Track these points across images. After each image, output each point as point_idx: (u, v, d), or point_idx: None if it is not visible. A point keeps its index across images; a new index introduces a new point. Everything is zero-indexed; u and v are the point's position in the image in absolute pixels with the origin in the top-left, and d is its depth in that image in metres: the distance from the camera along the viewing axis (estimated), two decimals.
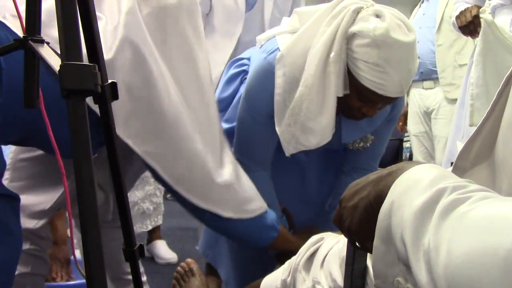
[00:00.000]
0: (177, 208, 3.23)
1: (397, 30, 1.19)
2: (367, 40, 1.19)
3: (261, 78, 1.40)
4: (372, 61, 1.19)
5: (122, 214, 0.97)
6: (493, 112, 0.62)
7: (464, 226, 0.44)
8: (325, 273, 1.03)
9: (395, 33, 1.18)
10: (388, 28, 1.18)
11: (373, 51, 1.19)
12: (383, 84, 1.21)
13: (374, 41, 1.18)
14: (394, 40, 1.18)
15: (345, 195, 0.67)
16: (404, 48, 1.20)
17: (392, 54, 1.19)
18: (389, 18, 1.19)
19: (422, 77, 2.95)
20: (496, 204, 0.44)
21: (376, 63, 1.19)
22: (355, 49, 1.21)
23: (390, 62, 1.19)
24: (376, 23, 1.19)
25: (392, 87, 1.22)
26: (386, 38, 1.18)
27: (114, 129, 0.92)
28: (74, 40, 0.72)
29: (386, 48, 1.18)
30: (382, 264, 0.58)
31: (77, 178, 0.69)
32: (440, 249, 0.44)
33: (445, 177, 0.51)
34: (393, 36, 1.18)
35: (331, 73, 1.24)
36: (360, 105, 1.30)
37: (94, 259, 0.68)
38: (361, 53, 1.20)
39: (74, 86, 0.71)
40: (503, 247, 0.40)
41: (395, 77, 1.21)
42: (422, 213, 0.48)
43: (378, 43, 1.18)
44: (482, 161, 0.63)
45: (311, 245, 1.11)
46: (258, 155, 1.49)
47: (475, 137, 0.64)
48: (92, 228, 0.69)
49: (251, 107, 1.42)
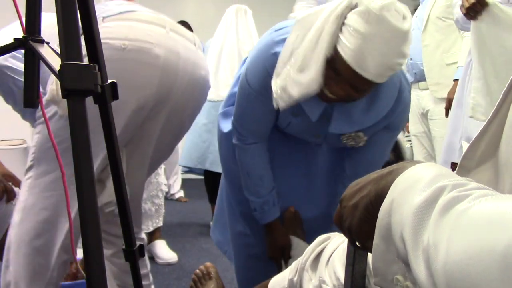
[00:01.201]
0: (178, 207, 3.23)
1: (393, 13, 1.19)
2: (361, 9, 1.19)
3: (260, 53, 1.41)
4: (356, 27, 1.18)
5: (122, 214, 0.97)
6: (498, 112, 0.62)
7: (463, 223, 0.44)
8: (329, 271, 1.03)
9: (389, 13, 1.18)
10: (384, 6, 1.18)
11: (361, 20, 1.18)
12: (355, 55, 1.19)
13: (366, 11, 1.18)
14: (384, 19, 1.17)
15: (345, 195, 0.67)
16: (390, 30, 1.19)
17: (376, 30, 1.18)
18: (391, 2, 1.20)
19: (417, 78, 2.98)
20: (495, 202, 0.44)
21: (359, 31, 1.18)
22: (348, 15, 1.21)
23: (371, 37, 1.18)
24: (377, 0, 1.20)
25: (363, 64, 1.20)
26: (377, 11, 1.17)
27: (114, 129, 0.92)
28: (74, 40, 0.72)
29: (374, 23, 1.18)
30: (382, 262, 0.58)
31: (77, 178, 0.69)
32: (439, 246, 0.45)
33: (445, 176, 0.52)
34: (386, 15, 1.17)
35: (326, 32, 1.24)
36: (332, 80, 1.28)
37: (94, 259, 0.68)
38: (351, 19, 1.20)
39: (74, 86, 0.71)
40: (501, 243, 0.40)
41: (368, 54, 1.19)
42: (422, 210, 0.49)
43: (368, 14, 1.18)
44: (487, 161, 0.63)
45: (318, 245, 1.12)
46: (254, 127, 1.51)
47: (480, 137, 0.64)
48: (92, 228, 0.69)
49: (248, 80, 1.44)
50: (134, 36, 1.28)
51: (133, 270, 1.03)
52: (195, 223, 3.72)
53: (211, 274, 1.65)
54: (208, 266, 1.68)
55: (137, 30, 1.29)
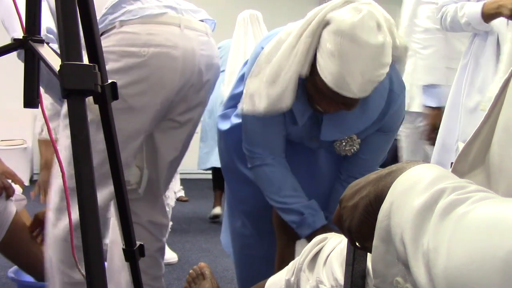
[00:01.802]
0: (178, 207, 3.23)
1: (366, 29, 1.17)
2: (335, 28, 1.19)
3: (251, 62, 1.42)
4: (330, 47, 1.18)
5: (122, 214, 0.97)
6: (490, 116, 0.62)
7: (463, 227, 0.44)
8: (327, 272, 1.03)
9: (361, 31, 1.17)
10: (357, 23, 1.17)
11: (335, 39, 1.18)
12: (335, 77, 1.19)
13: (339, 30, 1.18)
14: (357, 36, 1.16)
15: (345, 195, 0.67)
16: (365, 48, 1.17)
17: (349, 49, 1.17)
18: (366, 15, 1.18)
19: None
20: (496, 205, 0.44)
21: (332, 51, 1.18)
22: (324, 34, 1.21)
23: (347, 56, 1.17)
24: (350, 16, 1.18)
25: (343, 84, 1.19)
26: (351, 32, 1.16)
27: (114, 129, 0.92)
28: (74, 40, 0.72)
29: (347, 41, 1.17)
30: (382, 264, 0.58)
31: (77, 178, 0.69)
32: (439, 250, 0.44)
33: (445, 177, 0.51)
34: (358, 33, 1.16)
35: (298, 51, 1.24)
36: (318, 97, 1.29)
37: (94, 259, 0.68)
38: (325, 38, 1.20)
39: (74, 86, 0.71)
40: (502, 249, 0.39)
41: (348, 74, 1.18)
42: (422, 213, 0.48)
43: (342, 33, 1.17)
44: (479, 165, 0.63)
45: (315, 245, 1.11)
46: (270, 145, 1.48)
47: (473, 140, 0.64)
48: (92, 228, 0.69)
49: None
50: (153, 42, 1.35)
51: (133, 270, 1.03)
52: (195, 223, 3.72)
53: (205, 274, 1.66)
54: (202, 266, 1.70)
55: (155, 35, 1.36)
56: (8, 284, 2.14)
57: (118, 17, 1.34)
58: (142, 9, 1.36)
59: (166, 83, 1.40)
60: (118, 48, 1.34)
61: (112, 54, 1.33)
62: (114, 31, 1.34)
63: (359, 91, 1.21)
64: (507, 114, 0.58)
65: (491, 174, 0.60)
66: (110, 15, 1.35)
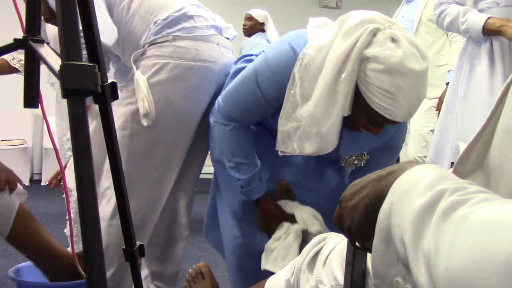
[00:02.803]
0: None
1: (412, 59, 1.20)
2: (381, 66, 1.20)
3: (279, 61, 1.40)
4: (384, 87, 1.21)
5: (122, 214, 0.97)
6: (492, 119, 0.62)
7: (464, 228, 0.44)
8: (326, 272, 1.03)
9: (410, 62, 1.19)
10: (403, 57, 1.19)
11: (386, 78, 1.20)
12: (392, 110, 1.23)
13: (388, 68, 1.19)
14: (407, 69, 1.19)
15: (345, 195, 0.67)
16: (416, 77, 1.21)
17: (404, 83, 1.20)
18: (405, 45, 1.20)
19: None
20: (497, 207, 0.44)
21: (388, 90, 1.21)
22: (368, 73, 1.22)
23: (401, 90, 1.21)
24: (392, 49, 1.20)
25: (401, 113, 1.24)
26: (401, 67, 1.19)
27: (114, 129, 0.92)
28: (74, 40, 0.72)
29: (399, 76, 1.20)
30: (382, 264, 0.58)
31: (77, 178, 0.69)
32: (440, 251, 0.44)
33: (445, 178, 0.51)
34: (407, 65, 1.19)
35: (339, 92, 1.26)
36: (367, 123, 1.32)
37: (94, 259, 0.68)
38: (374, 78, 1.21)
39: (74, 86, 0.71)
40: (503, 251, 0.39)
41: (404, 104, 1.23)
42: (422, 214, 0.48)
43: (392, 70, 1.19)
44: (479, 168, 0.64)
45: (314, 245, 1.11)
46: (244, 118, 1.52)
47: (474, 143, 0.64)
48: (92, 228, 0.69)
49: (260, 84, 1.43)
50: (199, 57, 1.57)
51: (133, 270, 1.03)
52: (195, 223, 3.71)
53: (204, 273, 1.67)
54: (201, 266, 1.72)
55: (201, 50, 1.58)
56: (8, 284, 2.14)
57: (174, 32, 1.56)
58: (195, 28, 1.59)
59: (206, 93, 1.62)
60: (170, 60, 1.54)
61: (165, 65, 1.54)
62: (167, 44, 1.55)
63: (412, 113, 1.29)
64: (507, 117, 0.58)
65: (490, 177, 0.60)
66: (167, 29, 1.56)
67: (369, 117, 1.29)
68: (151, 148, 1.58)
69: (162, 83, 1.53)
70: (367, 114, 1.28)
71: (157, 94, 1.52)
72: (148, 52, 1.56)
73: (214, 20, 1.68)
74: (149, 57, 1.55)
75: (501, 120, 0.59)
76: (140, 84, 1.48)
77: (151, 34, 1.55)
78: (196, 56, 1.56)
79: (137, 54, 1.57)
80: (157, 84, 1.53)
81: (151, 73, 1.53)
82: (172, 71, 1.54)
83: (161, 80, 1.53)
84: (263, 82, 1.42)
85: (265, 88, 1.42)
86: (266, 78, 1.42)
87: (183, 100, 1.57)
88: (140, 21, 1.59)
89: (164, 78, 1.52)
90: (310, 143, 1.36)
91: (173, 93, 1.54)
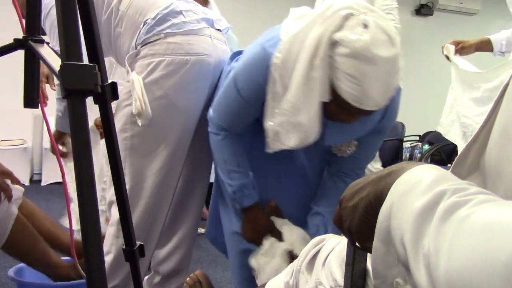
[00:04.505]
0: None
1: (379, 45, 1.17)
2: (347, 50, 1.17)
3: (252, 64, 1.42)
4: (349, 72, 1.18)
5: (122, 214, 0.97)
6: (489, 120, 0.62)
7: (464, 230, 0.44)
8: (326, 273, 1.03)
9: (376, 48, 1.16)
10: (370, 42, 1.16)
11: (351, 62, 1.17)
12: (358, 96, 1.20)
13: (353, 52, 1.17)
14: (373, 55, 1.16)
15: (345, 195, 0.66)
16: (383, 64, 1.18)
17: (370, 69, 1.17)
18: (374, 30, 1.17)
19: None
20: (497, 208, 0.44)
21: (353, 75, 1.18)
22: (336, 57, 1.20)
23: (367, 76, 1.18)
24: (359, 34, 1.17)
25: (368, 100, 1.21)
26: (367, 52, 1.16)
27: (114, 129, 0.92)
28: (74, 40, 0.72)
29: (365, 62, 1.17)
30: (382, 265, 0.57)
31: (77, 178, 0.69)
32: (440, 253, 0.44)
33: (445, 179, 0.51)
34: (373, 51, 1.16)
35: (315, 78, 1.24)
36: (339, 111, 1.30)
37: (94, 259, 0.68)
38: (340, 62, 1.19)
39: (74, 86, 0.71)
40: (503, 253, 0.39)
41: (371, 92, 1.20)
42: (422, 215, 0.48)
43: (357, 55, 1.16)
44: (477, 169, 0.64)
45: (313, 247, 1.11)
46: (234, 123, 1.53)
47: (471, 145, 0.64)
48: (92, 228, 0.69)
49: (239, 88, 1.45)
50: (193, 51, 1.57)
51: (133, 270, 1.03)
52: None
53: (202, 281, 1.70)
54: (199, 274, 1.76)
55: (194, 44, 1.58)
56: (8, 284, 2.14)
57: (165, 29, 1.55)
58: (185, 23, 1.59)
59: (203, 86, 1.62)
60: (164, 57, 1.54)
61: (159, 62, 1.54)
62: (159, 41, 1.55)
63: (381, 102, 1.24)
64: (504, 118, 0.58)
65: (487, 177, 0.60)
66: (158, 27, 1.55)
67: (339, 105, 1.26)
68: (154, 147, 1.58)
69: (158, 81, 1.53)
70: (337, 103, 1.26)
71: (155, 92, 1.53)
72: (142, 52, 1.56)
73: (204, 13, 1.68)
74: (143, 57, 1.56)
75: (498, 121, 0.59)
76: (135, 84, 1.49)
77: (142, 34, 1.56)
78: (190, 50, 1.57)
79: (131, 56, 1.57)
80: (153, 82, 1.53)
81: (147, 72, 1.54)
82: (167, 67, 1.54)
83: (157, 78, 1.53)
84: (242, 89, 1.44)
85: (245, 93, 1.44)
86: (244, 83, 1.43)
87: (181, 95, 1.57)
88: (130, 22, 1.59)
89: (160, 75, 1.53)
90: (294, 134, 1.35)
91: (170, 89, 1.55)
